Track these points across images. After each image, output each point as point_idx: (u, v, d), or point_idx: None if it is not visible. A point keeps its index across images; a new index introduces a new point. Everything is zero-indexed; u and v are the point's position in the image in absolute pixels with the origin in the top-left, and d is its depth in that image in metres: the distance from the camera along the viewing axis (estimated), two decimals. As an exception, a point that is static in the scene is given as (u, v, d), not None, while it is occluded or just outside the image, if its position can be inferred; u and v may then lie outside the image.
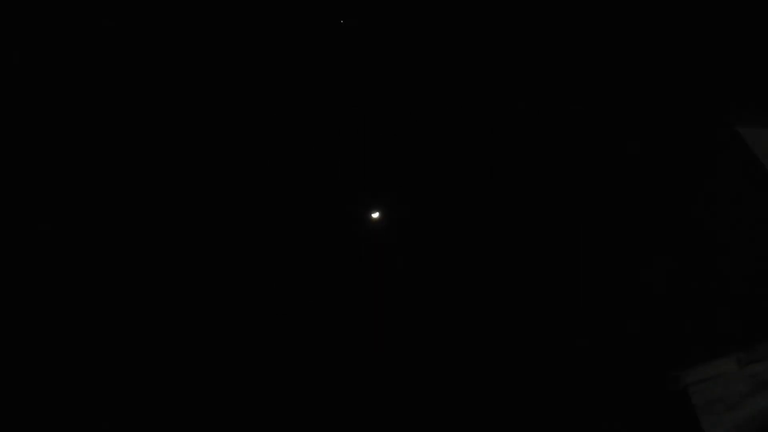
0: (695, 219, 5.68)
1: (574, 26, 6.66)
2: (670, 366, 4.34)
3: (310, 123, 6.69)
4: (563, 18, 6.67)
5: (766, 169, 5.32)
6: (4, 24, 5.71)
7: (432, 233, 6.60)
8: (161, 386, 5.97)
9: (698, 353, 4.38)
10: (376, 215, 6.41)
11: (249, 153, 6.57)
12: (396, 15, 6.65)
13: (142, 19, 6.15)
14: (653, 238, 5.84)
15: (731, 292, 5.09)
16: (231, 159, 6.54)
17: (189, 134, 6.47)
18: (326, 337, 6.17)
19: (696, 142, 5.92)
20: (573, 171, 6.41)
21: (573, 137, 6.49)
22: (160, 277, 6.26)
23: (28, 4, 5.67)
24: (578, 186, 6.31)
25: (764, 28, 6.00)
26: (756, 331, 4.57)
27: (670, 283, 5.52)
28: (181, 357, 6.09)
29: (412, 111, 6.78)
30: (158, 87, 6.41)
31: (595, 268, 5.98)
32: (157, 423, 5.83)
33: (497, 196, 6.55)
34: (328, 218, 6.56)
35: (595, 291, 5.86)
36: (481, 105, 6.76)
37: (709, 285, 5.26)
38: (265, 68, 6.57)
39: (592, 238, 6.11)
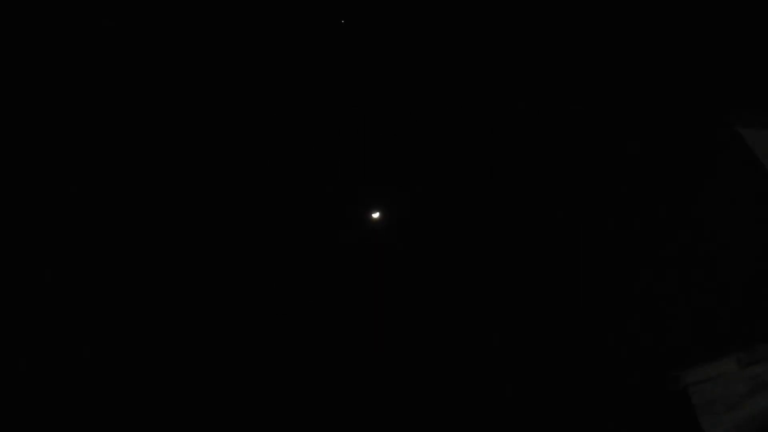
0: (695, 219, 5.68)
1: (574, 26, 6.66)
2: (670, 366, 4.34)
3: (310, 123, 6.69)
4: (563, 18, 6.67)
5: (766, 169, 5.32)
6: (4, 24, 5.72)
7: (432, 233, 6.60)
8: (161, 386, 5.97)
9: (698, 353, 4.38)
10: (376, 215, 6.41)
11: (249, 153, 6.57)
12: (396, 15, 6.66)
13: (142, 19, 6.15)
14: (653, 238, 5.84)
15: (731, 293, 5.09)
16: (230, 159, 6.54)
17: (189, 134, 6.47)
18: (326, 337, 6.17)
19: (696, 142, 5.92)
20: (573, 171, 6.41)
21: (573, 137, 6.49)
22: (159, 277, 6.26)
23: (28, 4, 5.67)
24: (578, 186, 6.31)
25: (764, 29, 6.00)
26: (756, 331, 4.58)
27: (669, 283, 5.52)
28: (181, 357, 6.08)
29: (412, 111, 6.78)
30: (158, 87, 6.41)
31: (594, 268, 5.98)
32: (157, 423, 5.83)
33: (497, 196, 6.55)
34: (328, 218, 6.55)
35: (595, 291, 5.86)
36: (481, 105, 6.76)
37: (709, 285, 5.26)
38: (265, 68, 6.57)
39: (592, 238, 6.11)
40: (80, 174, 6.26)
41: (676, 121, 6.14)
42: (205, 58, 6.43)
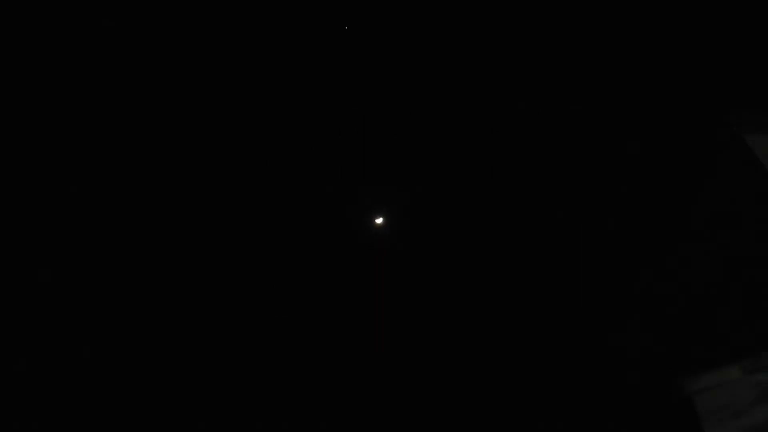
0: (695, 219, 5.69)
1: (574, 26, 6.65)
2: (676, 373, 4.34)
3: (315, 128, 6.68)
4: (563, 18, 6.66)
5: (766, 169, 5.33)
6: (5, 24, 5.68)
7: (432, 233, 6.60)
8: (161, 386, 5.96)
9: (703, 361, 4.40)
10: (380, 220, 6.41)
11: (250, 154, 6.55)
12: (397, 17, 6.63)
13: (142, 19, 6.11)
14: (653, 238, 5.85)
15: (733, 296, 5.11)
16: (234, 161, 6.52)
17: (189, 134, 6.45)
18: (328, 340, 6.18)
19: (696, 143, 5.93)
20: (573, 171, 6.41)
21: (573, 137, 6.49)
22: (162, 278, 6.25)
23: (28, 4, 5.63)
24: (579, 186, 6.32)
25: (764, 29, 6.00)
26: (761, 339, 4.59)
27: (672, 290, 5.54)
28: (183, 357, 6.08)
29: (413, 112, 6.77)
30: (159, 87, 6.38)
31: (596, 272, 5.99)
32: (157, 423, 5.83)
33: (497, 196, 6.55)
34: (332, 223, 6.55)
35: (597, 297, 5.87)
36: (482, 105, 6.75)
37: (712, 291, 5.28)
38: (266, 70, 6.54)
39: (591, 238, 6.12)
40: (80, 174, 6.24)
41: (676, 122, 6.14)
42: (207, 59, 6.39)
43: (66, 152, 6.17)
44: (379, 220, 6.36)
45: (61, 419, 5.63)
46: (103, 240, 6.22)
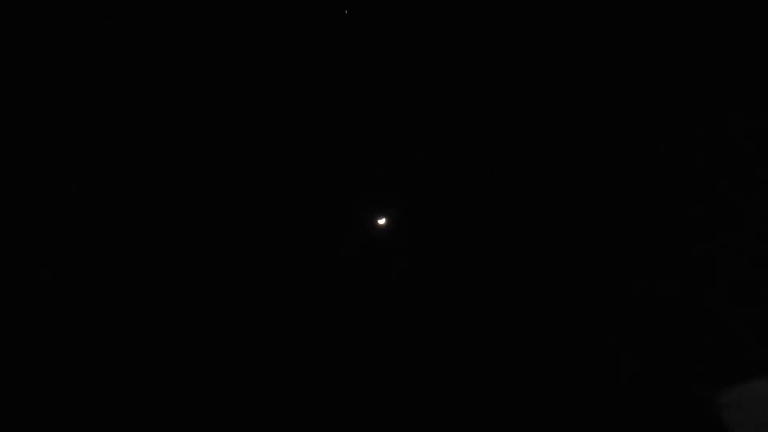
0: (695, 220, 5.70)
1: (574, 26, 6.65)
2: (677, 374, 4.34)
3: (315, 127, 6.67)
4: (563, 18, 6.66)
5: (766, 168, 5.35)
6: (4, 24, 5.67)
7: (431, 234, 6.59)
8: (161, 386, 5.96)
9: (706, 361, 4.39)
10: (382, 221, 6.40)
11: (251, 156, 6.54)
12: (397, 15, 6.63)
13: (142, 19, 6.11)
14: (653, 241, 5.86)
15: (737, 300, 5.10)
16: (235, 161, 6.51)
17: (189, 135, 6.44)
18: (329, 344, 6.17)
19: (696, 142, 5.95)
20: (573, 171, 6.42)
21: (573, 137, 6.50)
22: (162, 278, 6.24)
23: (28, 4, 5.63)
24: (580, 187, 6.32)
25: (764, 29, 6.02)
26: (762, 338, 4.59)
27: (673, 290, 5.53)
28: (184, 357, 6.08)
29: (412, 111, 6.76)
30: (159, 87, 6.37)
31: (596, 272, 5.99)
32: (158, 423, 5.83)
33: (497, 196, 6.55)
34: (333, 224, 6.54)
35: (597, 297, 5.87)
36: (481, 105, 6.74)
37: (713, 291, 5.27)
38: (268, 68, 6.53)
39: (592, 240, 6.13)
40: (81, 174, 6.24)
41: (677, 122, 6.16)
42: (207, 59, 6.39)
43: (66, 152, 6.17)
44: (382, 221, 6.34)
45: (61, 419, 5.62)
46: (104, 240, 6.21)
